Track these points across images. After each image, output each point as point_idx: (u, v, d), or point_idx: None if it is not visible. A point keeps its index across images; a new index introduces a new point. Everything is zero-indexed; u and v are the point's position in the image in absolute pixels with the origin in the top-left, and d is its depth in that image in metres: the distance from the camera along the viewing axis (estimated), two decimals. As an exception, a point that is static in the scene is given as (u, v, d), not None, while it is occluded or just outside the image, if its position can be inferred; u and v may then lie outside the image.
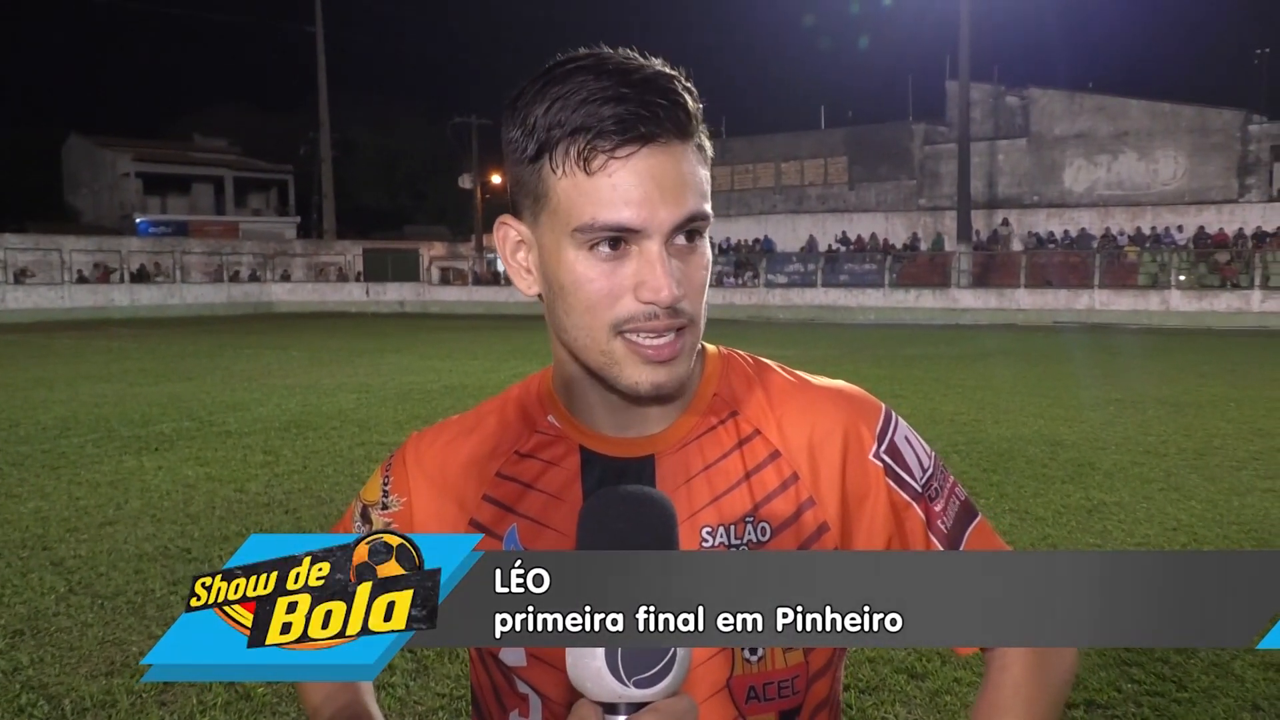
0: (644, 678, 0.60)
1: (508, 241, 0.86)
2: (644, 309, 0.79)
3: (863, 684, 3.59)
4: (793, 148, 40.84)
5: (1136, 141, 33.85)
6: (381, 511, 0.95)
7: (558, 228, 0.80)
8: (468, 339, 22.29)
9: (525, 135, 0.80)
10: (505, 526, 0.90)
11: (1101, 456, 7.76)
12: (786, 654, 0.86)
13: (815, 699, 0.89)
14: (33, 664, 3.82)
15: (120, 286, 36.07)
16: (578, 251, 0.79)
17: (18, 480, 7.01)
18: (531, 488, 0.90)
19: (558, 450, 0.91)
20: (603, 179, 0.77)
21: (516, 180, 0.83)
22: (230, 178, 50.51)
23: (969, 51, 32.55)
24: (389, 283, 40.69)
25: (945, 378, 13.66)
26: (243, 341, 21.75)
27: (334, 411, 10.33)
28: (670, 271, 0.78)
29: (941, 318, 30.72)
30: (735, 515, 0.87)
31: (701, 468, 0.88)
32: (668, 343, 0.80)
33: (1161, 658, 3.80)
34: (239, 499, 6.45)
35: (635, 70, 0.78)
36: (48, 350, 19.43)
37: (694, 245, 0.81)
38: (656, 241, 0.78)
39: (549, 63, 0.81)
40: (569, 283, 0.80)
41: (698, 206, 0.80)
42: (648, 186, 0.77)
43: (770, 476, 0.88)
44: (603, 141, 0.77)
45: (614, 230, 0.77)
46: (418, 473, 0.94)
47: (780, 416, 0.90)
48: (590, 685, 0.61)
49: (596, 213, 0.77)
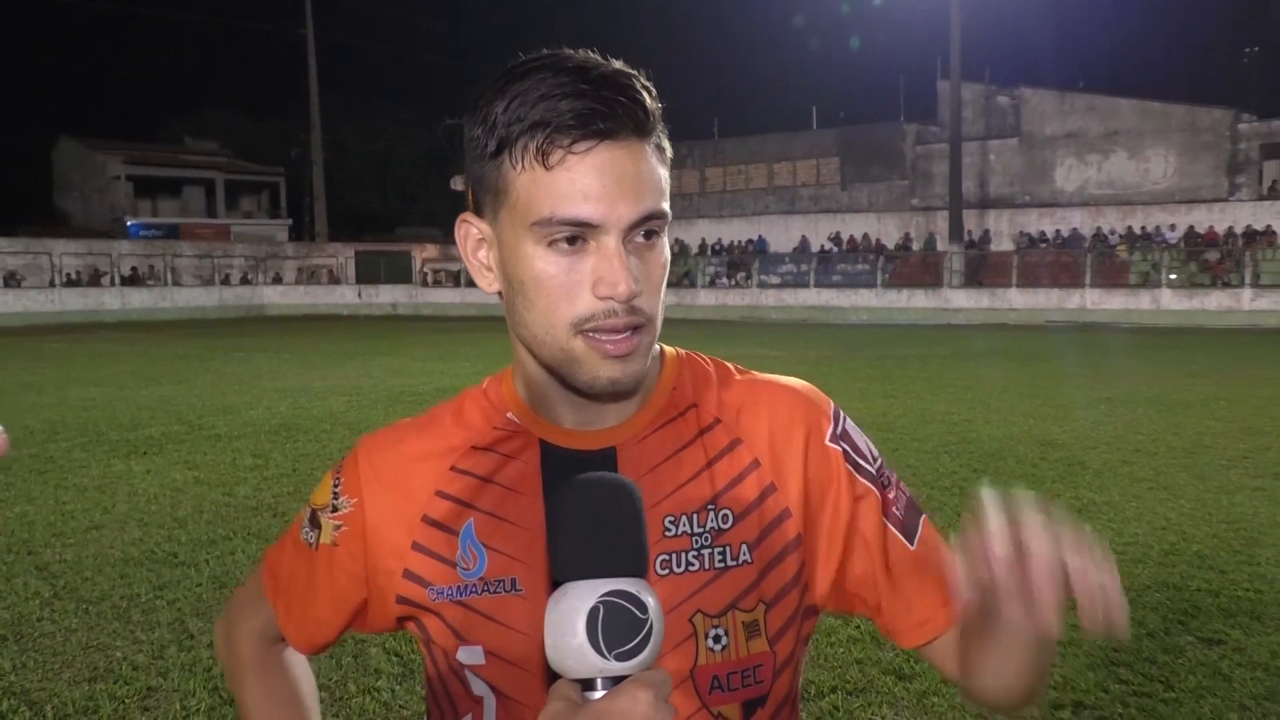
0: (624, 650, 0.62)
1: (469, 239, 0.86)
2: (602, 306, 0.78)
3: (850, 685, 3.58)
4: (785, 148, 40.89)
5: (1127, 141, 33.96)
6: (331, 514, 0.94)
7: (517, 223, 0.80)
8: (460, 341, 22.26)
9: (486, 133, 0.80)
10: (461, 522, 0.89)
11: (1092, 455, 7.77)
12: (749, 641, 0.86)
13: (780, 692, 0.89)
14: (15, 669, 3.79)
15: (111, 290, 35.93)
16: (536, 246, 0.79)
17: (4, 485, 6.96)
18: (490, 481, 0.89)
19: (516, 444, 0.90)
20: (561, 174, 0.77)
21: (477, 178, 0.83)
22: (221, 180, 50.36)
23: (960, 51, 32.66)
24: (381, 285, 40.62)
25: (937, 378, 13.68)
26: (234, 344, 21.69)
27: (324, 414, 10.30)
28: (628, 267, 0.78)
29: (934, 318, 30.79)
30: (697, 503, 0.87)
31: (663, 458, 0.88)
32: (625, 338, 0.80)
33: (1149, 657, 3.80)
34: (227, 503, 6.42)
35: (594, 68, 0.78)
36: (37, 354, 19.34)
37: (652, 243, 0.81)
38: (614, 237, 0.78)
39: (511, 63, 0.81)
40: (528, 278, 0.80)
41: (656, 204, 0.79)
42: (606, 182, 0.77)
43: (731, 465, 0.88)
44: (561, 136, 0.76)
45: (572, 224, 0.77)
46: (369, 473, 0.93)
47: (739, 408, 0.91)
48: (571, 662, 0.63)
49: (555, 207, 0.77)
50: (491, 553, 0.87)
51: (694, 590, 0.86)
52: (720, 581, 0.86)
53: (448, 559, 0.89)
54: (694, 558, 0.86)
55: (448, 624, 0.88)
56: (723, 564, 0.86)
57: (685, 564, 0.86)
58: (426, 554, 0.89)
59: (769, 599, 0.87)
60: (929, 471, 7.06)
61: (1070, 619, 2.91)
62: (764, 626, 0.87)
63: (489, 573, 0.87)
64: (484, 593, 0.87)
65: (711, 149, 41.99)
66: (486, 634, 0.86)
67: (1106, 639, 3.90)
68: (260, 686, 1.01)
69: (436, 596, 0.88)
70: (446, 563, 0.88)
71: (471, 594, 0.87)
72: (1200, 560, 5.03)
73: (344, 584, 0.93)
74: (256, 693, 1.01)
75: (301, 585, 0.97)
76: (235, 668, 1.03)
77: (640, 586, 0.64)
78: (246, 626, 1.03)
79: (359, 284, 41.01)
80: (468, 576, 0.87)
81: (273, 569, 1.01)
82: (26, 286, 33.90)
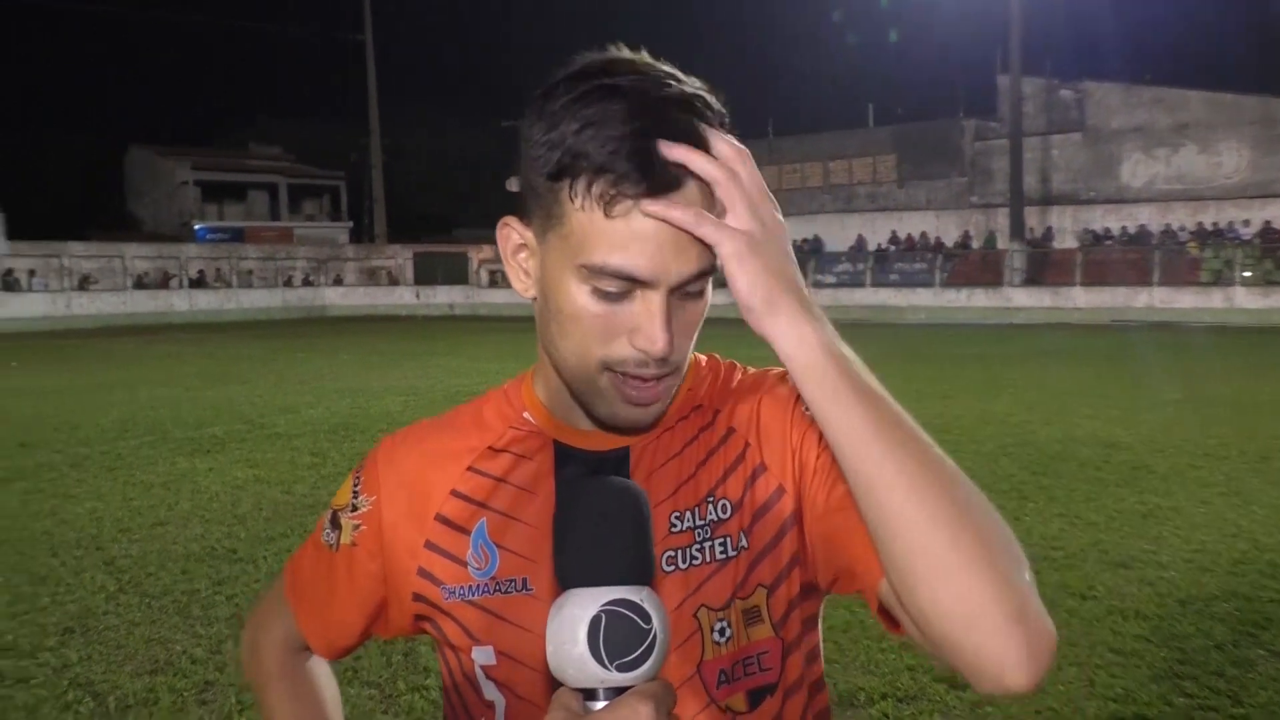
0: (625, 661, 0.61)
1: (510, 242, 0.85)
2: (636, 355, 0.79)
3: (901, 693, 3.52)
4: (841, 146, 40.46)
5: (1197, 134, 32.90)
6: (351, 514, 0.95)
7: (566, 255, 0.78)
8: (515, 341, 22.43)
9: (548, 148, 0.77)
10: (474, 522, 0.89)
11: (1158, 459, 7.54)
12: (749, 629, 0.85)
13: (790, 679, 0.88)
14: (81, 661, 3.91)
15: (179, 292, 36.95)
16: (581, 285, 0.78)
17: (76, 480, 7.20)
18: (503, 482, 0.90)
19: (531, 444, 0.91)
20: (621, 224, 0.75)
21: (530, 185, 0.81)
22: (284, 184, 51.46)
23: (1021, 44, 31.96)
24: (439, 286, 41.11)
25: (996, 378, 13.41)
26: (295, 345, 22.15)
27: (381, 414, 10.45)
28: (668, 324, 0.78)
29: (994, 317, 30.18)
30: (699, 497, 0.87)
31: (671, 456, 0.89)
32: (650, 386, 0.81)
33: (1217, 670, 3.67)
34: (285, 500, 6.55)
35: (661, 98, 0.76)
36: (109, 355, 19.97)
37: (697, 294, 0.81)
38: (661, 293, 0.77)
39: (585, 63, 0.79)
40: (567, 310, 0.80)
41: (709, 262, 0.78)
42: (664, 239, 0.75)
43: (728, 454, 0.89)
44: (627, 187, 0.75)
45: (623, 278, 0.77)
46: (388, 471, 0.94)
47: (736, 399, 0.91)
48: (572, 671, 0.62)
49: (609, 257, 0.76)
50: (504, 553, 0.88)
51: (698, 585, 0.85)
52: (723, 573, 0.86)
53: (459, 559, 0.89)
54: (697, 552, 0.86)
55: (461, 624, 0.88)
56: (724, 555, 0.86)
57: (689, 559, 0.85)
58: (439, 553, 0.90)
59: (769, 583, 0.86)
60: (987, 474, 6.91)
61: (1133, 627, 2.83)
62: (767, 612, 0.86)
63: (500, 572, 0.88)
64: (495, 592, 0.87)
65: (766, 147, 41.69)
66: (498, 634, 0.87)
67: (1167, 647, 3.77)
68: (283, 696, 1.02)
69: (449, 596, 0.89)
70: (458, 562, 0.89)
71: (483, 594, 0.88)
72: (1273, 570, 4.84)
73: (364, 583, 0.94)
74: (280, 701, 1.02)
75: (322, 587, 0.97)
76: (259, 678, 1.04)
77: (644, 596, 0.63)
78: (269, 637, 1.04)
79: (417, 285, 41.57)
80: (479, 576, 0.88)
81: (294, 574, 1.02)
82: (100, 289, 35.02)
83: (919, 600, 0.69)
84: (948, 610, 0.68)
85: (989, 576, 0.67)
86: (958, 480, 0.72)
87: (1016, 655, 0.66)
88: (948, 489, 0.70)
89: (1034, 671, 0.67)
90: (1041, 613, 0.68)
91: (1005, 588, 0.67)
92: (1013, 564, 0.69)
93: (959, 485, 0.71)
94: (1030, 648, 0.66)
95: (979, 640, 0.67)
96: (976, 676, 0.68)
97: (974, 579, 0.67)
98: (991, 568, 0.68)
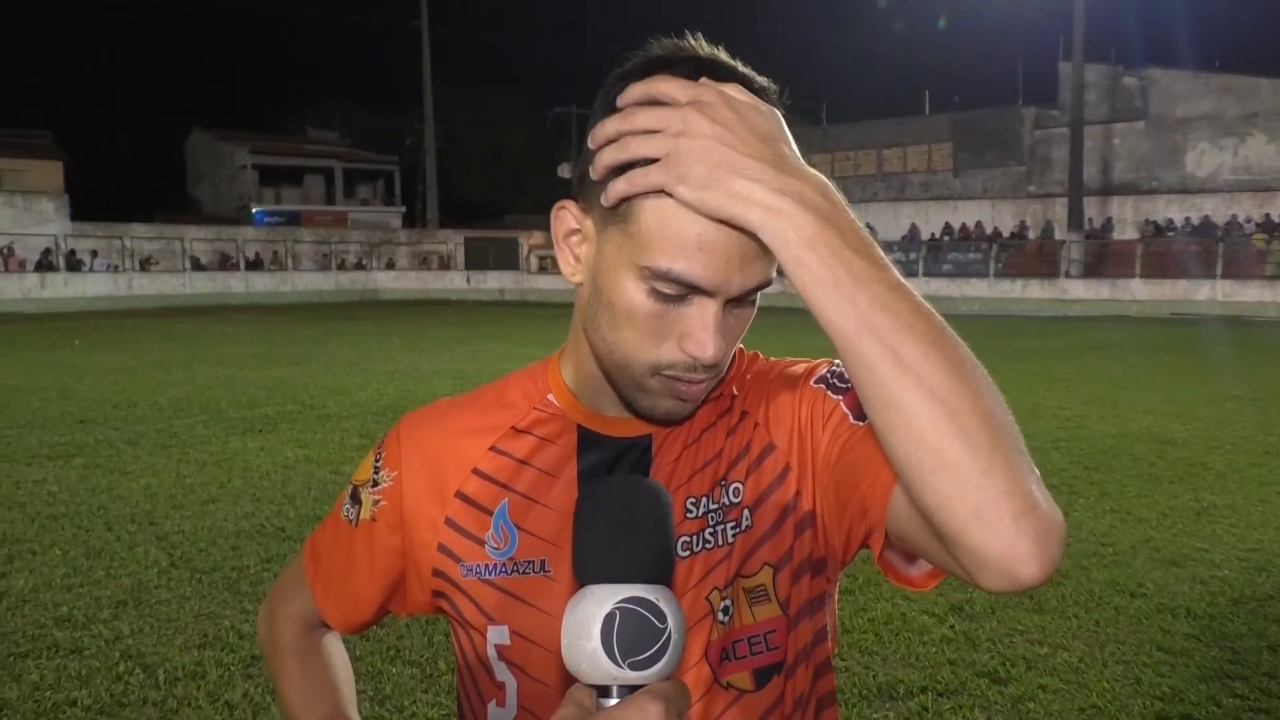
0: (638, 660, 0.60)
1: (563, 225, 0.84)
2: (684, 359, 0.79)
3: (941, 687, 3.48)
4: (895, 134, 39.88)
5: (1267, 123, 31.82)
6: (371, 489, 0.95)
7: (629, 252, 0.77)
8: (563, 328, 22.38)
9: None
10: (496, 502, 0.90)
11: (1215, 456, 7.34)
12: (754, 607, 0.86)
13: (798, 658, 0.88)
14: (132, 634, 4.02)
15: (237, 274, 37.76)
16: (639, 284, 0.77)
17: (132, 458, 7.40)
18: (526, 464, 0.90)
19: (554, 427, 0.91)
20: (692, 232, 0.73)
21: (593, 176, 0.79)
22: (340, 169, 52.17)
23: (1084, 31, 31.15)
24: (489, 271, 41.45)
25: (1050, 371, 13.15)
26: (347, 328, 22.50)
27: (429, 397, 10.52)
28: (720, 334, 0.77)
29: (1049, 309, 29.58)
30: (713, 481, 0.87)
31: (690, 442, 0.89)
32: (695, 387, 0.82)
33: (1269, 672, 3.57)
34: (333, 480, 6.66)
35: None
36: (169, 335, 20.47)
37: (750, 303, 0.81)
38: (718, 303, 0.77)
39: (655, 52, 0.79)
40: (620, 304, 0.79)
41: (767, 275, 0.78)
42: (730, 251, 0.74)
43: (741, 436, 0.89)
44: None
45: (685, 283, 0.76)
46: (410, 447, 0.94)
47: (753, 383, 0.92)
48: (585, 667, 0.62)
49: (673, 263, 0.74)
50: (523, 534, 0.88)
51: (710, 568, 0.85)
52: (732, 553, 0.86)
53: (478, 537, 0.89)
54: (710, 535, 0.86)
55: (476, 603, 0.89)
56: (735, 535, 0.86)
57: (702, 543, 0.86)
58: (458, 530, 0.90)
59: (774, 561, 0.86)
60: (1037, 469, 6.78)
61: (1183, 626, 2.77)
62: (773, 590, 0.86)
63: (519, 553, 0.88)
64: (513, 573, 0.88)
65: (819, 135, 41.24)
66: (514, 614, 0.87)
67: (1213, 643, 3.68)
68: (296, 671, 1.03)
69: (467, 573, 0.89)
70: (476, 541, 0.89)
71: (501, 573, 0.88)
72: (1332, 571, 4.69)
73: (383, 558, 0.94)
74: (292, 677, 1.03)
75: (341, 562, 0.98)
76: (274, 653, 1.06)
77: (661, 595, 0.62)
78: (286, 613, 1.05)
79: (468, 270, 41.95)
80: (497, 556, 0.88)
81: (313, 549, 1.03)
82: (160, 270, 35.92)
83: (927, 497, 0.66)
84: (958, 506, 0.64)
85: (1000, 469, 0.64)
86: (965, 361, 0.67)
87: (1027, 548, 0.64)
88: (956, 372, 0.66)
89: (1045, 563, 0.64)
90: (1049, 501, 0.66)
91: (1014, 479, 0.64)
92: (1020, 454, 0.66)
93: (966, 365, 0.67)
94: (1040, 539, 0.64)
95: (987, 535, 0.64)
96: (987, 572, 0.65)
97: (984, 472, 0.64)
98: (1004, 461, 0.65)
